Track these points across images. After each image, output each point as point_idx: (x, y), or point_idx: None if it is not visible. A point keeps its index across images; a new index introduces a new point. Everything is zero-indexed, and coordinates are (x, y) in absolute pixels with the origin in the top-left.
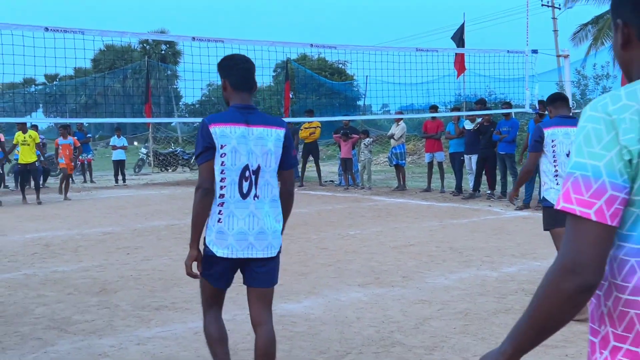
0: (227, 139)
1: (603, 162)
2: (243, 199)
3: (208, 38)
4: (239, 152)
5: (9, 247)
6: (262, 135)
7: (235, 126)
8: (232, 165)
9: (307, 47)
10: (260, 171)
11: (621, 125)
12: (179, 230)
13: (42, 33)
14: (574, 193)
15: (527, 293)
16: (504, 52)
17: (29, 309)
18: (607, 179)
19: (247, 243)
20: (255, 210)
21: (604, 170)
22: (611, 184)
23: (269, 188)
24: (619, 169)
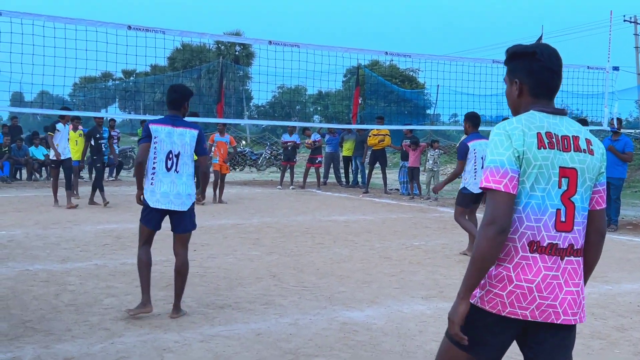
0: (158, 133)
1: (505, 157)
2: (167, 171)
3: (284, 42)
4: (165, 142)
5: (82, 237)
6: (182, 133)
7: (163, 126)
8: (160, 150)
9: (381, 54)
10: (180, 155)
11: (513, 136)
12: (244, 230)
13: (125, 31)
14: (490, 177)
15: (597, 318)
16: (584, 67)
17: (98, 299)
18: (508, 166)
19: (168, 199)
20: (175, 180)
21: (506, 161)
22: (511, 169)
23: (186, 167)
24: (513, 161)
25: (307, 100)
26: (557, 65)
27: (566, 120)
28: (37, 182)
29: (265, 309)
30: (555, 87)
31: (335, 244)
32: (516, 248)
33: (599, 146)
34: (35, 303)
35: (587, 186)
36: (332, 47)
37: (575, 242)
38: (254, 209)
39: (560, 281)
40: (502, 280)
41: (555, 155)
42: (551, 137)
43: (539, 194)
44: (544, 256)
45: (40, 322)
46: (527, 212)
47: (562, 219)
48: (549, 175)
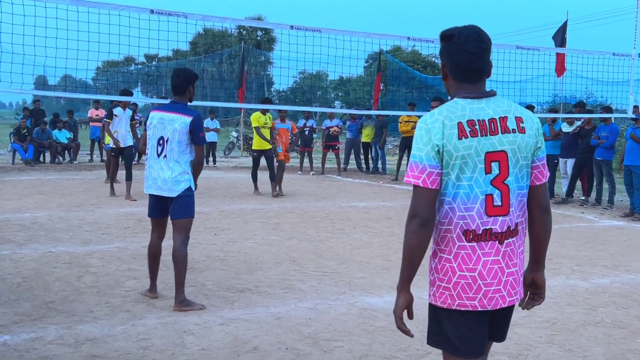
0: (152, 120)
1: (423, 153)
2: (157, 157)
3: (306, 27)
4: (157, 128)
5: (104, 220)
6: (173, 119)
7: (159, 112)
8: (153, 136)
9: (403, 39)
10: (169, 141)
11: (432, 130)
12: (264, 215)
13: (147, 15)
14: (411, 172)
15: (618, 307)
16: (609, 54)
17: (120, 282)
18: (426, 162)
19: (157, 185)
20: (163, 165)
21: (424, 157)
22: (429, 165)
23: (173, 154)
24: (432, 156)
25: (328, 86)
26: (476, 47)
27: (493, 102)
28: (60, 165)
29: (285, 293)
30: (475, 70)
31: (355, 230)
32: (452, 239)
33: (532, 121)
34: (58, 284)
35: (520, 165)
36: (354, 32)
37: (511, 223)
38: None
39: (502, 265)
40: (447, 273)
41: (479, 142)
42: (473, 124)
43: (465, 183)
44: (481, 243)
45: (62, 303)
46: (457, 202)
47: (498, 203)
48: (474, 163)
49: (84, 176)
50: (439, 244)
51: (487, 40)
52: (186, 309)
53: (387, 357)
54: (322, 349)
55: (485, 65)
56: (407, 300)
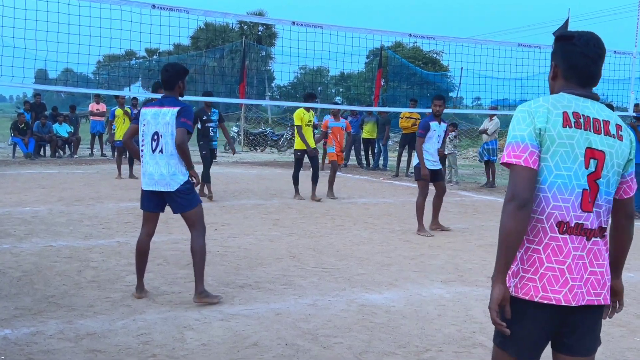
0: (145, 116)
1: (526, 133)
2: (152, 153)
3: (307, 23)
4: (151, 123)
5: (104, 214)
6: (165, 113)
7: (151, 108)
8: (147, 132)
9: (405, 36)
10: (163, 136)
11: (536, 114)
12: (265, 210)
13: (149, 10)
14: (512, 152)
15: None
16: (611, 52)
17: (120, 276)
18: (528, 142)
19: (153, 181)
20: (159, 161)
21: (526, 136)
22: (531, 144)
23: (168, 147)
24: (534, 137)
25: (329, 82)
26: (594, 52)
27: (598, 105)
28: (60, 159)
29: (285, 289)
30: (589, 74)
31: (355, 226)
32: (544, 229)
33: (629, 133)
34: (59, 279)
35: (614, 171)
36: (355, 29)
37: (594, 224)
38: (274, 189)
39: (586, 261)
40: (534, 264)
41: (582, 135)
42: (578, 117)
43: (564, 173)
44: (573, 237)
45: (63, 297)
46: (553, 192)
47: (589, 199)
48: (575, 154)
49: (85, 170)
50: (527, 234)
51: (604, 47)
52: (205, 300)
53: (386, 354)
54: (321, 345)
55: (599, 70)
56: (503, 292)
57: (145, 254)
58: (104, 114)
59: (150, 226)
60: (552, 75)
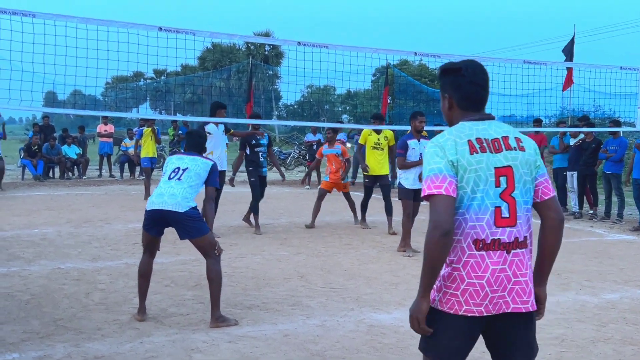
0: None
1: (442, 164)
2: (169, 180)
3: (313, 43)
4: (174, 163)
5: (112, 236)
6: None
7: (175, 155)
8: (168, 169)
9: (410, 54)
10: (187, 170)
11: (446, 147)
12: (272, 230)
13: (155, 32)
14: (431, 184)
15: (628, 322)
16: (617, 68)
17: (128, 298)
18: (445, 172)
19: (162, 200)
20: (174, 185)
21: (443, 168)
22: (448, 174)
23: (189, 179)
24: (450, 167)
25: (335, 100)
26: (482, 79)
27: (494, 124)
28: (69, 181)
29: (293, 309)
30: (481, 99)
31: (363, 245)
32: (463, 248)
33: (530, 142)
34: (67, 301)
35: (524, 180)
36: (361, 48)
37: (519, 234)
38: (282, 208)
39: (508, 273)
40: (455, 281)
41: (488, 157)
42: (481, 142)
43: (478, 195)
44: (490, 252)
45: (71, 320)
46: (470, 214)
47: (506, 215)
48: (486, 176)
49: (93, 191)
50: (449, 254)
51: (487, 72)
52: (222, 325)
53: None
54: None
55: (487, 94)
56: (428, 305)
57: (147, 276)
58: (112, 135)
59: (153, 249)
60: (447, 106)
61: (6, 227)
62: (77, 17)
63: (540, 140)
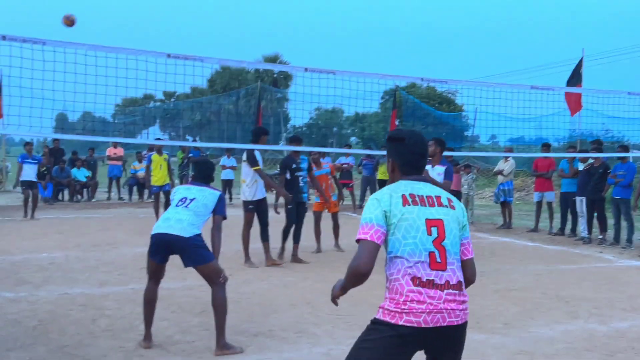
0: (177, 189)
1: (373, 215)
2: (176, 207)
3: (320, 69)
4: (182, 192)
5: (120, 261)
6: (202, 189)
7: (183, 185)
8: (175, 199)
9: (417, 80)
10: (195, 200)
11: (381, 200)
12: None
13: (164, 59)
14: (361, 230)
15: (637, 352)
16: (624, 93)
17: (134, 325)
18: (375, 222)
19: (168, 225)
20: (181, 211)
21: (374, 218)
22: (377, 224)
23: (196, 208)
24: (380, 218)
25: (344, 122)
26: (422, 149)
27: (429, 186)
28: (78, 204)
29: (299, 337)
30: (420, 166)
31: None
32: (402, 285)
33: (459, 204)
34: (73, 328)
35: (454, 234)
36: (368, 74)
37: (450, 278)
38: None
39: (442, 305)
40: (401, 304)
41: (420, 210)
42: (414, 196)
43: (411, 241)
44: (427, 289)
45: (77, 347)
46: (406, 256)
47: (438, 260)
48: (417, 225)
49: (102, 214)
50: (391, 292)
51: (427, 142)
52: (227, 353)
53: None
54: None
55: (426, 161)
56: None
57: (153, 303)
58: (122, 158)
59: (158, 276)
60: (390, 168)
61: (15, 251)
62: (87, 45)
63: (549, 164)
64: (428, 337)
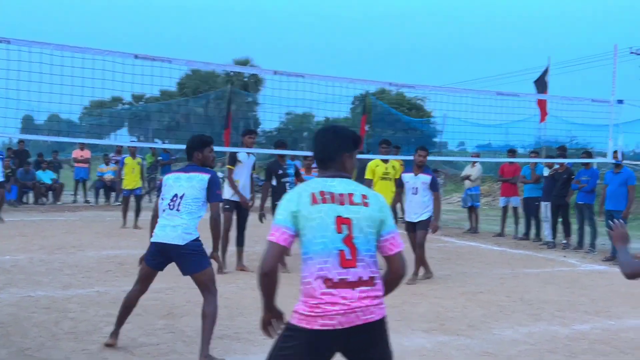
0: (167, 181)
1: (282, 217)
2: (170, 210)
3: (289, 72)
4: (172, 186)
5: (85, 263)
6: (190, 177)
7: (173, 174)
8: (166, 194)
9: (386, 85)
10: (184, 197)
11: (290, 201)
12: (247, 258)
13: (131, 60)
14: (270, 232)
15: (598, 354)
16: (588, 100)
17: (98, 327)
18: (282, 224)
19: (164, 233)
20: (175, 215)
21: (282, 220)
22: (284, 226)
23: (188, 207)
24: (288, 220)
25: (314, 127)
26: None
27: (345, 182)
28: (43, 207)
29: (265, 339)
30: (321, 160)
31: None
32: (314, 288)
33: (377, 200)
34: (36, 330)
35: (366, 232)
36: (337, 78)
37: (362, 275)
38: (257, 235)
39: (356, 303)
40: (314, 307)
41: (330, 208)
42: (324, 194)
43: (320, 240)
44: (339, 289)
45: (39, 349)
46: (316, 258)
47: (348, 257)
48: (327, 223)
49: (67, 217)
50: (304, 295)
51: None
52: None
53: None
54: None
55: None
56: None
57: (131, 307)
58: (89, 160)
59: (146, 284)
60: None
61: None
62: (52, 44)
63: (514, 170)
64: (345, 337)
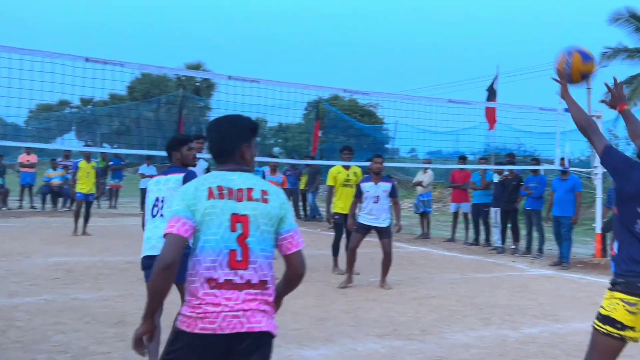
0: (149, 186)
1: (180, 207)
2: (153, 217)
3: (244, 78)
4: (153, 191)
5: (31, 271)
6: (168, 179)
7: (155, 178)
8: (150, 199)
9: (340, 91)
10: (165, 200)
11: (186, 193)
12: None
13: (82, 63)
14: (169, 223)
15: (548, 357)
16: (536, 109)
17: (46, 336)
18: (181, 214)
19: (151, 245)
20: (159, 224)
21: (180, 210)
22: (183, 216)
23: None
24: (187, 210)
25: (267, 133)
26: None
27: (245, 176)
28: None
29: None
30: (215, 152)
31: None
32: (197, 288)
33: (278, 196)
34: None
35: (262, 230)
36: (292, 84)
37: (252, 277)
38: None
39: (240, 305)
40: (196, 307)
41: (225, 204)
42: (222, 189)
43: (212, 238)
44: (223, 290)
45: None
46: (203, 255)
47: (238, 258)
48: (220, 221)
49: (13, 223)
50: (188, 295)
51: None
52: None
53: None
54: None
55: (222, 148)
56: (149, 328)
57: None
58: (35, 165)
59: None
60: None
61: None
62: (0, 46)
63: (465, 176)
64: (226, 344)
